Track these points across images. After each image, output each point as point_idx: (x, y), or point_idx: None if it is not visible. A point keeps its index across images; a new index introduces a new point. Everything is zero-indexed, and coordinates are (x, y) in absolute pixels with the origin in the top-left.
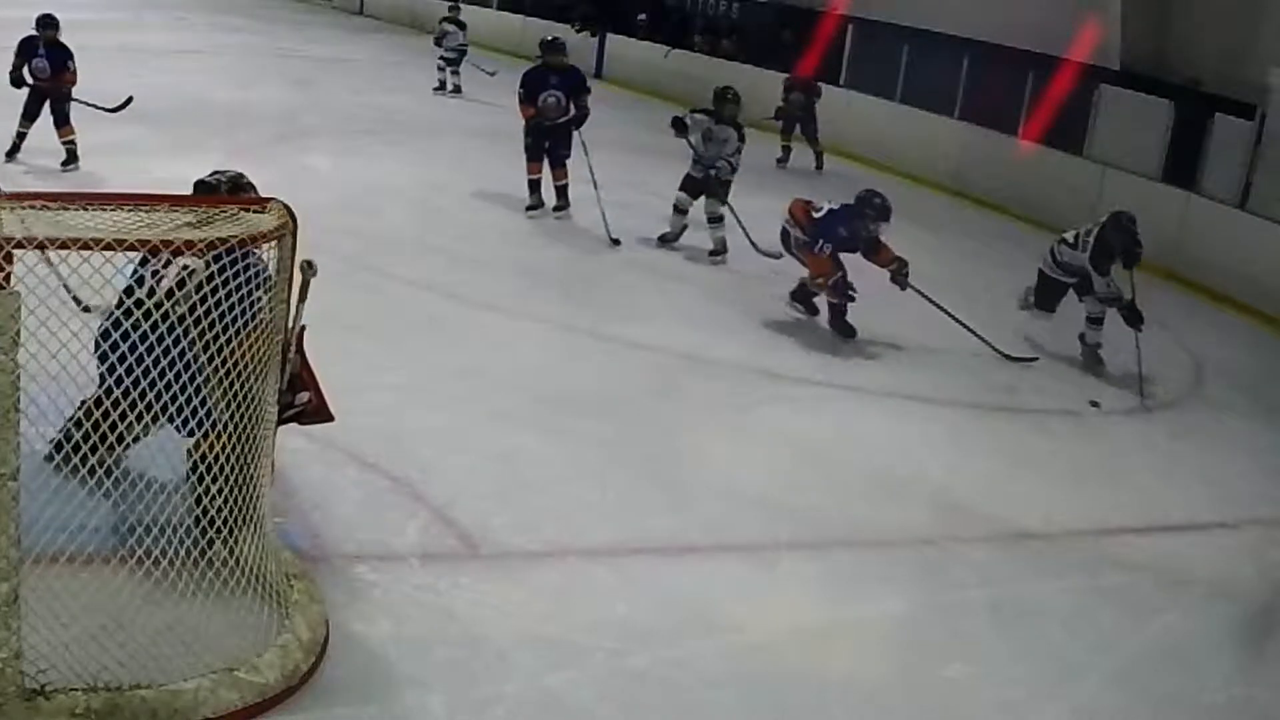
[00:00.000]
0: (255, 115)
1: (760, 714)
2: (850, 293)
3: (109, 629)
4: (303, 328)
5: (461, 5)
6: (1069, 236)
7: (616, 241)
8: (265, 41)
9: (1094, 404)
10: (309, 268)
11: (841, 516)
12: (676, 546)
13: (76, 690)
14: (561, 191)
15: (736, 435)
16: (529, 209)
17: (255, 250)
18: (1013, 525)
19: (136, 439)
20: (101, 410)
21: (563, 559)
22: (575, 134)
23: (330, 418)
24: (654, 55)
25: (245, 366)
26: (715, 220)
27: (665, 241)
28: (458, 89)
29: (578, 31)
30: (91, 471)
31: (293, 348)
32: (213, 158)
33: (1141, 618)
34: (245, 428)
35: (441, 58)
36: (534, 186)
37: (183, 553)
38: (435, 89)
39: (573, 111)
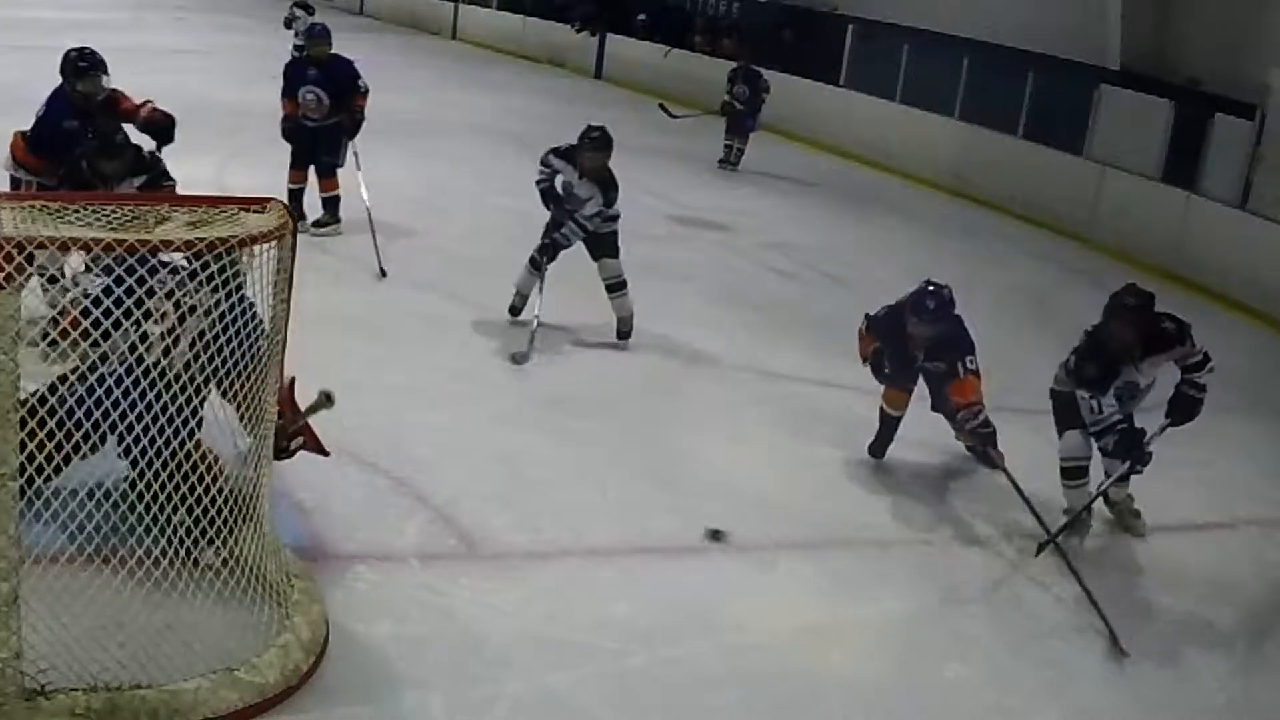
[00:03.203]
0: (255, 115)
1: (760, 714)
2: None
3: (109, 629)
4: (292, 379)
5: None
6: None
7: (384, 274)
8: (265, 41)
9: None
10: (327, 400)
11: (840, 516)
12: (676, 546)
13: (76, 690)
14: (329, 204)
15: (736, 435)
16: None
17: (253, 304)
18: (1012, 525)
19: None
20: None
21: (563, 559)
22: (350, 143)
23: (325, 453)
24: (654, 55)
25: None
26: (616, 288)
27: (515, 313)
28: None
29: (578, 31)
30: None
31: (289, 415)
32: (213, 157)
33: (1141, 618)
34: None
35: (295, 45)
36: (294, 197)
37: (183, 553)
38: None
39: (347, 114)
